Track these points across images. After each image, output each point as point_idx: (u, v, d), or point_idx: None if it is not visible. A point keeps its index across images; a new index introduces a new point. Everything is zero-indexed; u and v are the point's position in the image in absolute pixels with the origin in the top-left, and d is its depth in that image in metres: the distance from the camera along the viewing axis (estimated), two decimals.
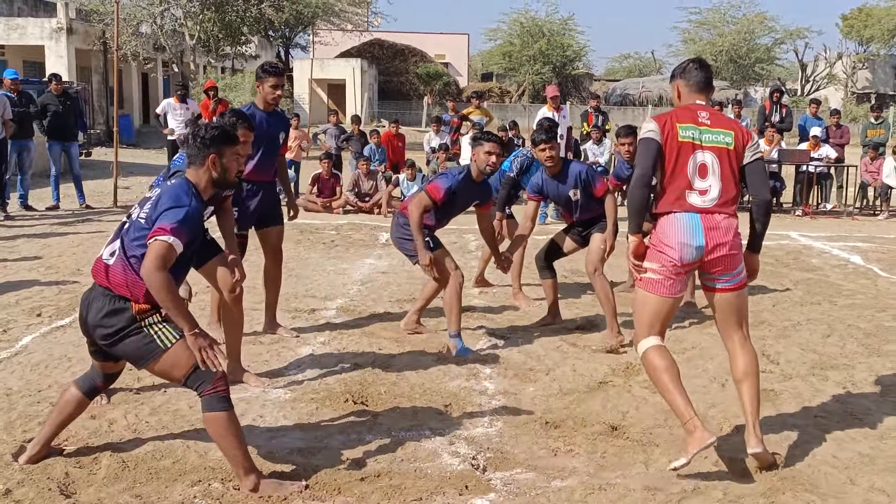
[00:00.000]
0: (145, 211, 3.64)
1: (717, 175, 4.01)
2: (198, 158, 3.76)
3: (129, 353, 3.66)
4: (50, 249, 9.32)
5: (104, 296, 3.63)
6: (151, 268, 3.45)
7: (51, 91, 12.60)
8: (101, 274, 3.67)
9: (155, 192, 3.74)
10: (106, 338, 3.62)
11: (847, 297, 7.78)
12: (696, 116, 4.05)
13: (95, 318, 3.62)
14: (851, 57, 49.16)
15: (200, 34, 25.70)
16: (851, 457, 4.23)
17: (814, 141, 14.15)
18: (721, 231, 3.99)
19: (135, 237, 3.62)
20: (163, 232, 3.49)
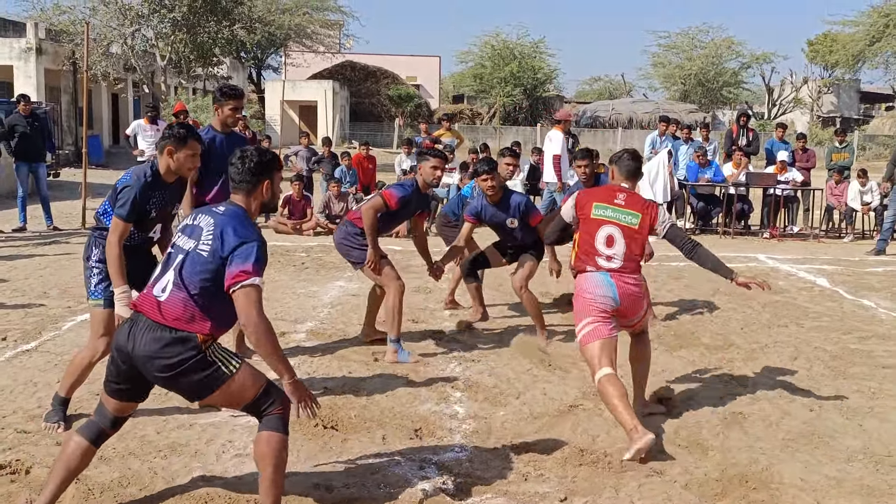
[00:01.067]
0: (206, 244, 3.48)
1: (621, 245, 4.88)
2: (249, 185, 3.66)
3: (190, 384, 3.48)
4: (16, 272, 9.20)
5: (160, 328, 3.44)
6: (255, 315, 3.36)
7: (19, 112, 12.49)
8: (154, 310, 3.47)
9: (204, 221, 3.57)
10: (166, 369, 3.41)
11: (813, 320, 7.88)
12: (613, 197, 4.96)
13: (152, 349, 3.41)
14: (817, 81, 49.99)
15: (171, 55, 25.62)
16: (819, 479, 4.27)
17: (781, 165, 14.35)
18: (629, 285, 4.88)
19: (199, 270, 3.47)
20: (248, 275, 3.39)
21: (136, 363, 3.46)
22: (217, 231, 3.49)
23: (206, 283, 3.45)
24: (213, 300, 3.47)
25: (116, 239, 4.46)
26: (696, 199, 14.41)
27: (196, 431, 4.72)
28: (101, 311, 4.72)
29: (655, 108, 43.22)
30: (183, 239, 3.59)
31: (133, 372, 3.51)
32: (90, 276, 4.77)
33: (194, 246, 3.52)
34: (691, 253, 5.08)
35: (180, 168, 4.60)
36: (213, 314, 3.48)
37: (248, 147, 3.81)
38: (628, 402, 4.62)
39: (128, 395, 3.63)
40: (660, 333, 7.23)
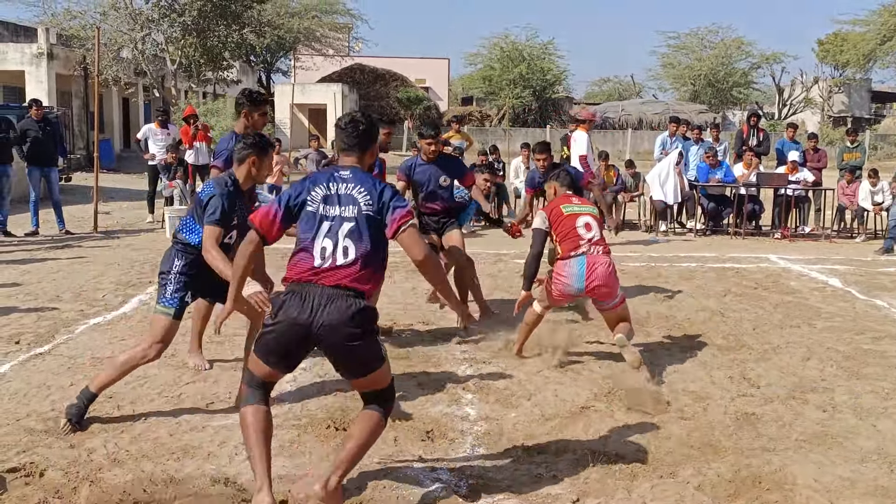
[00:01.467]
0: (368, 204, 3.67)
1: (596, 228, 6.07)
2: (360, 148, 3.88)
3: (366, 356, 3.64)
4: (29, 276, 9.25)
5: (346, 294, 3.55)
6: (425, 248, 3.67)
7: (31, 117, 12.56)
8: (330, 275, 3.58)
9: (344, 186, 3.72)
10: (353, 338, 3.54)
11: (826, 320, 7.85)
12: (570, 201, 6.23)
13: (343, 316, 3.51)
14: (828, 81, 49.78)
15: (182, 59, 25.71)
16: (832, 480, 4.25)
17: (792, 165, 14.30)
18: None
19: (373, 231, 3.65)
20: (410, 215, 3.68)
21: (318, 333, 3.53)
22: (368, 189, 3.70)
23: (375, 245, 3.64)
24: (378, 265, 3.70)
25: (212, 244, 4.67)
26: (706, 200, 14.36)
27: (209, 434, 4.74)
28: (167, 319, 4.86)
29: (665, 108, 43.17)
30: (334, 208, 3.68)
31: (304, 343, 3.60)
32: (166, 284, 4.91)
33: (357, 210, 3.66)
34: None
35: (259, 176, 4.93)
36: (377, 280, 3.74)
37: (355, 113, 4.02)
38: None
39: (285, 365, 3.73)
40: (671, 334, 7.21)
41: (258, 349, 3.70)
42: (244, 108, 5.92)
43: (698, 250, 12.45)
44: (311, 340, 3.58)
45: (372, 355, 3.66)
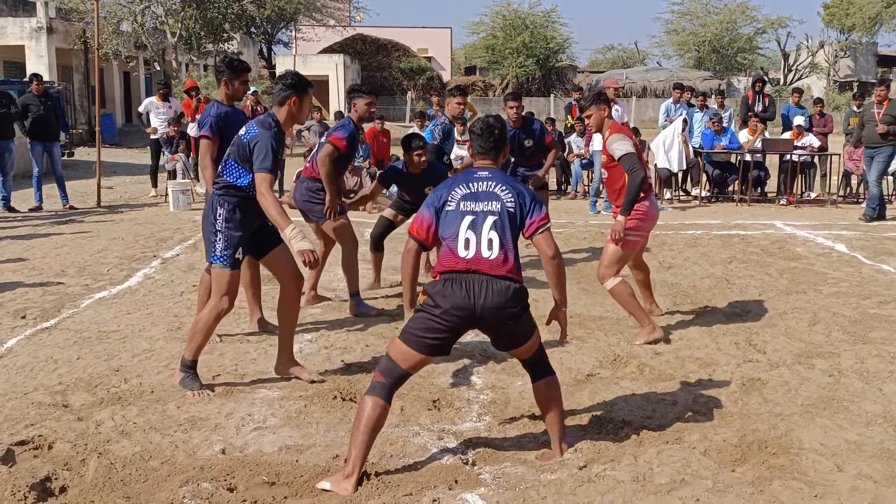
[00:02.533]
0: (511, 202, 3.94)
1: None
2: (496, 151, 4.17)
3: (522, 330, 3.97)
4: (34, 251, 9.26)
5: (502, 280, 3.84)
6: (557, 249, 4.01)
7: (32, 91, 12.51)
8: (490, 267, 3.85)
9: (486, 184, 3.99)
10: (513, 317, 3.87)
11: (832, 286, 7.83)
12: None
13: (503, 299, 3.82)
14: (833, 45, 49.39)
15: (182, 32, 25.59)
16: (839, 444, 4.25)
17: (797, 130, 14.21)
18: None
19: (514, 226, 3.94)
20: (547, 220, 4.02)
21: (481, 315, 3.83)
22: (510, 188, 3.99)
23: (515, 237, 3.94)
24: (517, 253, 3.94)
25: (267, 189, 4.64)
26: (711, 167, 14.30)
27: (216, 405, 4.75)
28: (227, 272, 4.88)
29: (669, 75, 42.88)
30: (474, 204, 3.95)
31: (463, 326, 3.89)
32: (215, 241, 4.89)
33: (500, 206, 3.93)
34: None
35: (300, 116, 4.92)
36: (519, 265, 3.96)
37: (489, 118, 4.22)
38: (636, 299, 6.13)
39: (440, 349, 3.92)
40: (677, 301, 7.20)
41: (409, 339, 3.89)
42: (224, 76, 5.86)
43: (703, 217, 12.42)
44: (474, 323, 3.89)
45: (524, 332, 3.99)
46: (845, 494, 3.70)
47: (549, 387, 4.13)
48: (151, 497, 3.65)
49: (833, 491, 3.73)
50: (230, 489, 3.73)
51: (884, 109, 11.80)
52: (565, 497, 3.65)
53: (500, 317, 3.85)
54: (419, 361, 3.91)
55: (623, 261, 6.10)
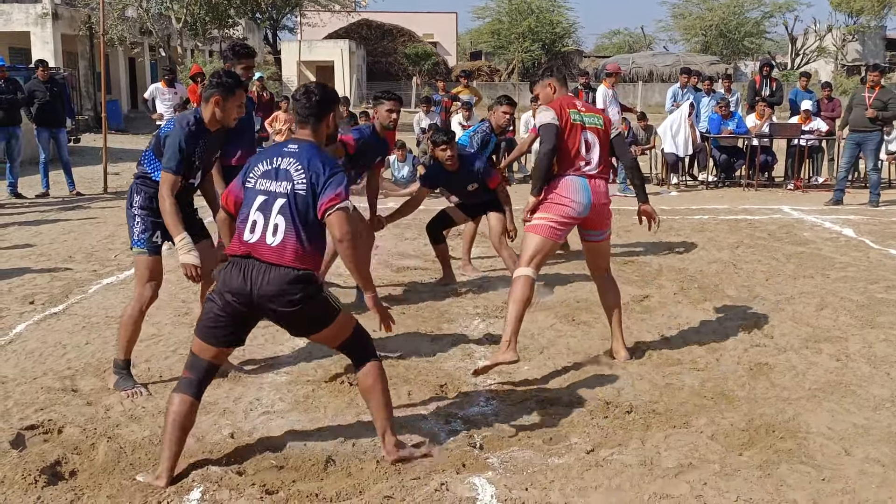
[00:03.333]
0: (302, 181, 3.66)
1: (597, 148, 5.10)
2: (316, 119, 3.85)
3: (311, 319, 3.73)
4: (41, 237, 9.28)
5: (282, 269, 3.62)
6: (348, 231, 3.63)
7: (37, 78, 12.50)
8: (270, 253, 3.64)
9: (286, 161, 3.71)
10: (292, 304, 3.62)
11: (839, 270, 7.81)
12: (574, 104, 5.18)
13: (277, 287, 3.60)
14: (841, 29, 49.06)
15: (187, 17, 25.51)
16: (846, 428, 4.25)
17: (805, 114, 14.14)
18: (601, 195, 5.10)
19: (304, 209, 3.65)
20: (340, 199, 3.63)
21: (258, 303, 3.63)
22: (306, 167, 3.68)
23: (310, 221, 3.66)
24: (315, 236, 3.69)
25: (168, 191, 4.48)
26: (718, 152, 14.24)
27: (224, 390, 4.77)
28: (145, 257, 4.74)
29: (676, 60, 42.67)
30: (269, 183, 3.71)
31: (245, 314, 3.70)
32: (133, 225, 4.76)
33: (291, 188, 3.66)
34: (630, 165, 5.45)
35: (226, 118, 4.64)
36: (317, 250, 3.72)
37: (309, 83, 3.97)
38: (523, 312, 4.95)
39: (228, 340, 3.78)
40: (684, 286, 7.20)
41: (199, 330, 3.76)
42: (227, 62, 5.83)
43: (710, 202, 12.38)
44: (254, 310, 3.69)
45: (314, 322, 3.76)
46: (853, 478, 3.71)
47: (363, 375, 3.86)
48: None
49: (840, 475, 3.74)
50: (239, 473, 3.75)
51: (875, 94, 11.74)
52: (573, 481, 3.66)
53: (278, 305, 3.62)
54: (217, 353, 3.77)
55: (538, 252, 5.03)
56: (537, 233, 5.03)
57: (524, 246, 5.09)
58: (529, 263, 5.00)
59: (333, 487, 3.61)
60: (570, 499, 3.52)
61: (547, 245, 5.05)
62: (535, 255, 5.02)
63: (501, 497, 3.52)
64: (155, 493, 3.56)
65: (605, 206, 5.13)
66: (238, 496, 3.51)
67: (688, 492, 3.57)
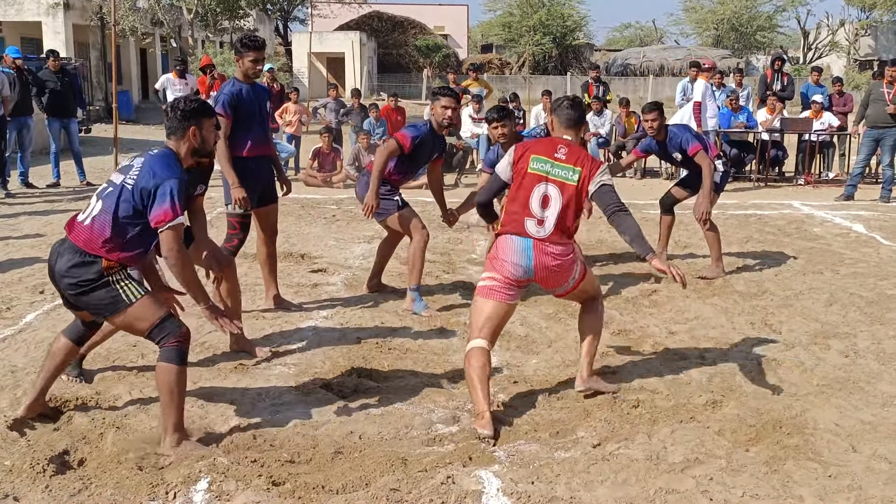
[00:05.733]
0: (132, 178, 3.81)
1: (556, 207, 4.34)
2: (179, 131, 3.98)
3: (92, 305, 3.86)
4: (52, 227, 9.31)
5: (74, 250, 3.81)
6: (176, 251, 3.74)
7: (48, 68, 12.53)
8: (74, 231, 3.86)
9: (137, 160, 3.90)
10: (71, 287, 3.81)
11: (849, 266, 7.78)
12: (553, 150, 4.39)
13: (63, 267, 3.81)
14: (854, 24, 48.73)
15: (198, 8, 25.53)
16: (854, 424, 4.25)
17: (815, 108, 14.06)
18: (549, 257, 4.35)
19: (122, 203, 3.80)
20: (171, 216, 3.72)
21: (55, 278, 3.89)
22: (145, 168, 3.83)
23: (127, 215, 3.79)
24: (128, 232, 3.81)
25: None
26: (728, 146, 14.19)
27: (231, 381, 4.79)
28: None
29: (687, 54, 42.51)
30: (116, 175, 3.94)
31: (57, 285, 3.92)
32: None
33: (122, 180, 3.85)
34: (611, 217, 4.36)
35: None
36: (124, 244, 3.82)
37: (182, 97, 4.10)
38: (487, 382, 4.23)
39: (72, 306, 4.00)
40: (692, 281, 7.18)
41: None
42: (237, 54, 5.83)
43: (720, 197, 12.32)
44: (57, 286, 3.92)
45: (98, 307, 3.86)
46: (859, 475, 3.70)
47: (157, 371, 3.89)
48: (168, 471, 3.69)
49: (847, 471, 3.73)
50: (246, 464, 3.76)
51: (894, 90, 11.63)
52: (579, 475, 3.67)
53: (62, 284, 3.84)
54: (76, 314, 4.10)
55: (489, 318, 4.36)
56: (484, 296, 4.39)
57: (473, 312, 4.45)
58: (480, 333, 4.34)
59: (340, 479, 3.63)
60: (576, 493, 3.53)
61: (498, 309, 4.37)
62: (485, 324, 4.35)
63: (507, 490, 3.53)
64: (162, 482, 3.58)
65: (553, 268, 4.36)
66: (245, 487, 3.53)
67: (694, 487, 3.57)
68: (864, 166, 12.42)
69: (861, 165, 12.21)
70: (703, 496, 3.50)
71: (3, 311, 6.11)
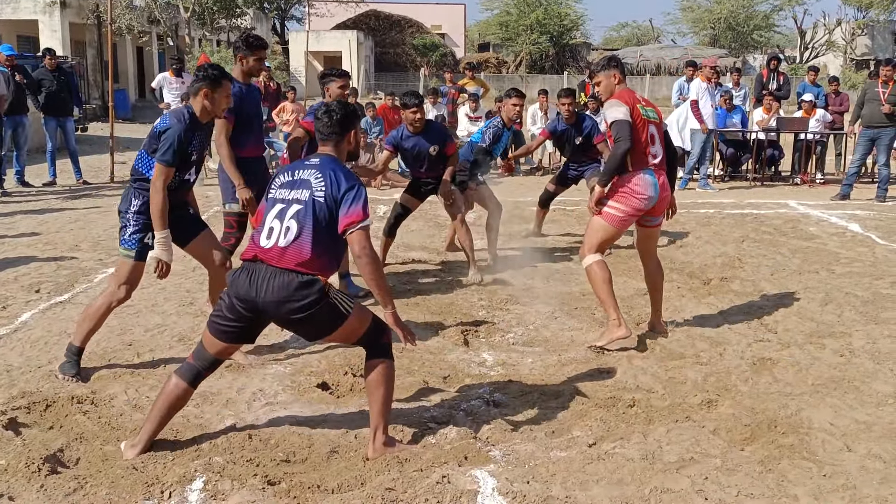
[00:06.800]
0: (320, 191, 3.74)
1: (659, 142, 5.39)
2: (337, 136, 3.95)
3: (316, 323, 3.76)
4: (48, 226, 9.31)
5: (288, 273, 3.67)
6: (369, 250, 3.71)
7: (45, 66, 12.52)
8: (278, 258, 3.69)
9: (307, 173, 3.82)
10: (297, 311, 3.67)
11: (845, 266, 7.79)
12: (638, 98, 5.42)
13: (282, 294, 3.64)
14: (851, 23, 48.77)
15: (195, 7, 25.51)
16: (848, 424, 4.25)
17: (806, 106, 14.06)
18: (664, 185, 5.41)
19: (320, 217, 3.72)
20: (361, 217, 3.71)
21: (263, 309, 3.69)
22: (326, 178, 3.76)
23: (325, 228, 3.72)
24: (328, 244, 3.75)
25: (161, 184, 4.52)
26: (724, 146, 14.20)
27: (227, 381, 4.78)
28: (130, 261, 4.76)
29: (684, 53, 42.52)
30: (288, 192, 3.80)
31: (254, 317, 3.75)
32: (126, 226, 4.78)
33: (309, 195, 3.75)
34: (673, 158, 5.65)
35: (216, 109, 4.69)
36: (328, 257, 3.77)
37: (329, 101, 4.10)
38: (612, 289, 5.37)
39: (238, 338, 3.85)
40: (688, 280, 7.19)
41: (210, 324, 3.84)
42: (240, 53, 5.80)
43: (716, 196, 12.36)
44: (260, 315, 3.74)
45: (322, 326, 3.80)
46: (854, 474, 3.71)
47: (372, 370, 3.89)
48: (164, 470, 3.68)
49: (842, 470, 3.74)
50: (241, 463, 3.76)
51: (889, 90, 11.64)
52: (574, 474, 3.67)
53: (282, 311, 3.68)
54: (223, 348, 3.85)
55: (607, 239, 5.49)
56: (609, 222, 5.37)
57: (592, 231, 5.43)
58: (596, 250, 5.41)
59: (335, 479, 3.63)
60: (572, 492, 3.53)
61: (614, 233, 5.48)
62: (602, 242, 5.45)
63: (503, 490, 3.53)
64: (157, 481, 3.58)
65: (666, 197, 5.44)
66: (240, 486, 3.52)
67: (689, 486, 3.57)
68: (860, 166, 12.45)
69: (857, 165, 12.23)
70: (699, 495, 3.51)
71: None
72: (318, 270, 3.71)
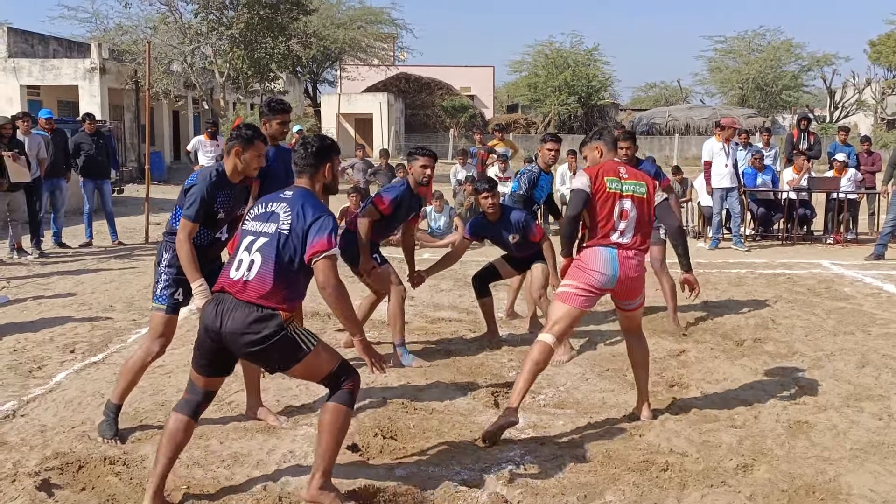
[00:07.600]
0: (286, 223, 3.82)
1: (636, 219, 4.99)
2: (312, 168, 4.03)
3: (274, 359, 3.80)
4: (83, 286, 9.44)
5: (248, 306, 3.74)
6: (333, 280, 3.76)
7: (84, 130, 12.83)
8: (240, 290, 3.78)
9: (278, 206, 3.90)
10: (253, 344, 3.73)
11: (881, 327, 7.68)
12: (617, 170, 5.03)
13: (240, 326, 3.71)
14: (881, 83, 48.78)
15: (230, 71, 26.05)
16: (889, 490, 4.16)
17: (838, 165, 14.01)
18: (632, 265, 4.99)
19: (284, 249, 3.79)
20: (327, 246, 3.76)
21: (224, 340, 3.76)
22: (294, 210, 3.83)
23: (291, 261, 3.78)
24: (291, 277, 3.80)
25: (185, 236, 4.59)
26: (756, 205, 14.15)
27: (258, 441, 4.78)
28: (161, 315, 4.83)
29: (713, 113, 42.68)
30: (259, 224, 3.91)
31: (220, 348, 3.81)
32: (157, 281, 4.87)
33: (275, 228, 3.83)
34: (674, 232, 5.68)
35: (247, 168, 4.73)
36: (292, 291, 3.82)
37: (307, 135, 4.10)
38: (535, 377, 4.90)
39: (214, 370, 3.93)
40: (721, 342, 7.12)
41: (192, 358, 3.95)
42: (263, 117, 5.94)
43: (748, 256, 12.28)
44: (224, 345, 3.79)
45: (281, 360, 3.82)
46: None
47: (326, 412, 3.89)
48: None
49: None
50: None
51: None
52: None
53: (240, 343, 3.73)
54: (206, 381, 3.96)
55: (562, 317, 4.96)
56: (563, 301, 5.00)
57: (550, 312, 5.10)
58: (551, 330, 4.94)
59: None
60: None
61: (573, 313, 4.97)
62: (557, 323, 4.95)
63: None
64: None
65: (634, 279, 4.99)
66: None
67: None
68: (894, 225, 12.33)
69: (891, 225, 12.12)
70: None
71: (33, 371, 6.17)
72: (279, 303, 3.75)
